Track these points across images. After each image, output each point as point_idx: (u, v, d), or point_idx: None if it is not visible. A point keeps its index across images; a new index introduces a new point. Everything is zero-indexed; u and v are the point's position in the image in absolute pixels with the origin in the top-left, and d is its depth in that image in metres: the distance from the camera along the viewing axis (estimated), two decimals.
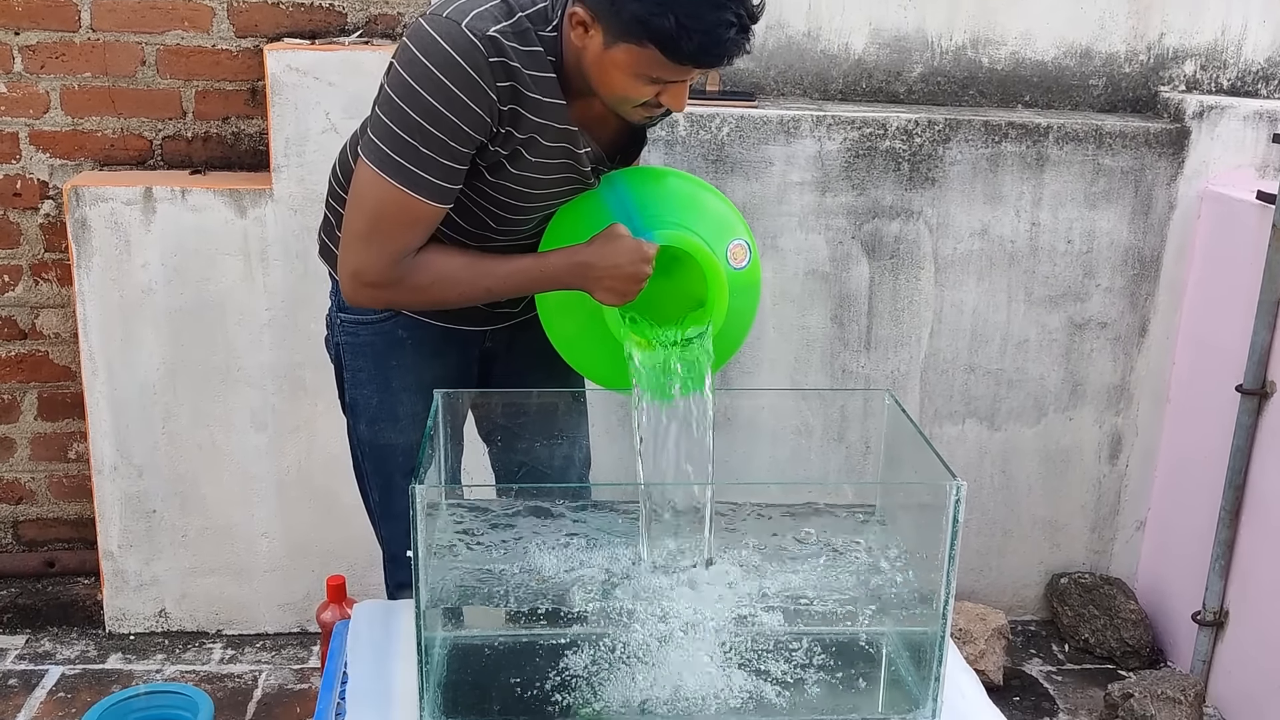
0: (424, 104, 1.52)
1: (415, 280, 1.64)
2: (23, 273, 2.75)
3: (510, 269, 1.67)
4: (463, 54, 1.51)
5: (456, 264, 1.67)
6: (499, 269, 1.67)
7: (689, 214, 1.74)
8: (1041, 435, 2.90)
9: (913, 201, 2.71)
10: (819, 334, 2.78)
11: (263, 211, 2.57)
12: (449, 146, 1.55)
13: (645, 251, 1.61)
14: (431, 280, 1.65)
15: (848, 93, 2.85)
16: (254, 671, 2.70)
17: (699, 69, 1.54)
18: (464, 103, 1.52)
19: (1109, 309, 2.83)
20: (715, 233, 1.74)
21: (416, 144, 1.54)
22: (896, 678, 1.65)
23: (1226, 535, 2.62)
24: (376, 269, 1.62)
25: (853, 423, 2.69)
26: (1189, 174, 2.75)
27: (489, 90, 1.53)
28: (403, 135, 1.54)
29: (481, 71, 1.52)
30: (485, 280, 1.67)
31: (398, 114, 1.54)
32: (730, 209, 1.83)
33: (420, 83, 1.52)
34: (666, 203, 1.74)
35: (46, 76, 2.65)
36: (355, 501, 2.71)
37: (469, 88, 1.52)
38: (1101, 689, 2.61)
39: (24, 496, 2.91)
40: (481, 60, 1.51)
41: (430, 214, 1.60)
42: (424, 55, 1.52)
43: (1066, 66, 2.88)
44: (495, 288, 1.68)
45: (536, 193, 1.68)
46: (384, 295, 1.67)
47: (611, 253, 1.61)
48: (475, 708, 1.55)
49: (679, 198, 1.77)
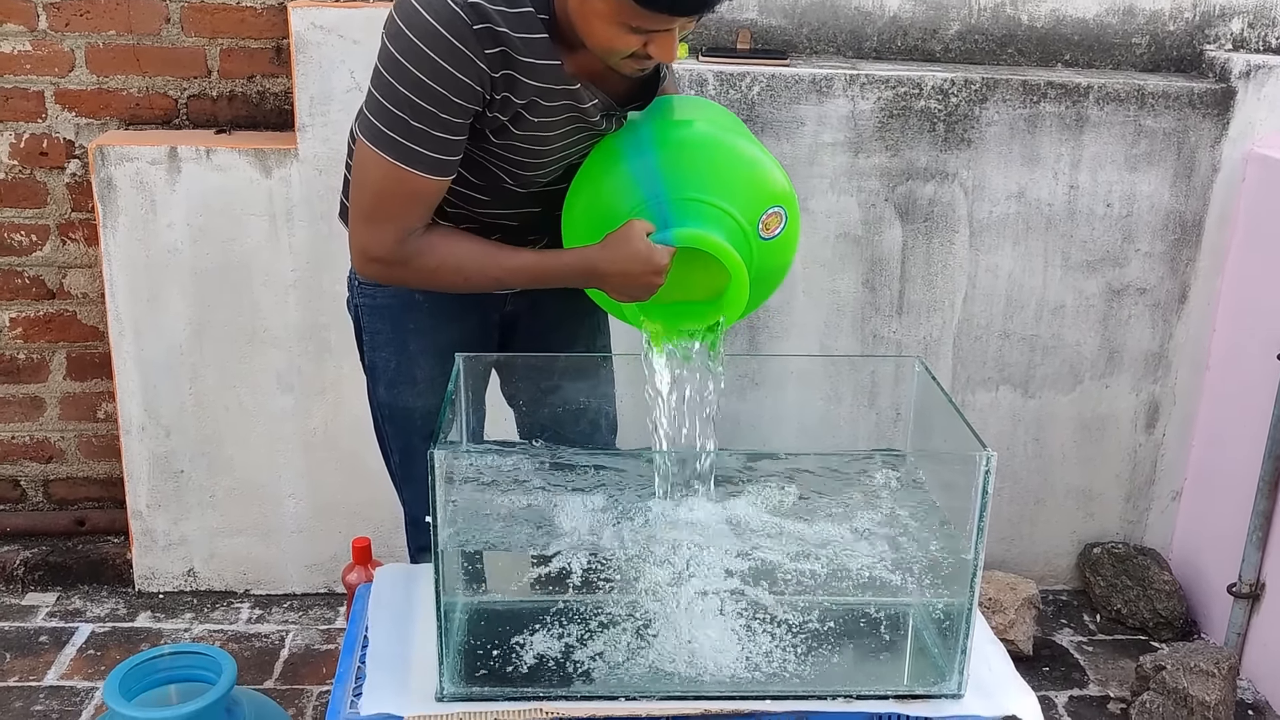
0: (411, 78, 1.49)
1: (422, 262, 1.63)
2: (50, 232, 2.75)
3: (518, 264, 1.66)
4: (445, 24, 1.47)
5: (464, 251, 1.65)
6: (507, 262, 1.66)
7: (720, 181, 1.64)
8: (1076, 403, 2.85)
9: (948, 163, 2.65)
10: (850, 298, 2.73)
11: (288, 171, 2.55)
12: (441, 119, 1.52)
13: (657, 262, 1.57)
14: (437, 264, 1.64)
15: (882, 51, 2.78)
16: (281, 631, 2.71)
17: (677, 18, 1.49)
18: (451, 74, 1.49)
19: (1148, 274, 2.76)
20: (747, 202, 1.65)
21: (408, 118, 1.51)
22: (922, 648, 1.63)
23: (1265, 506, 2.57)
24: (383, 246, 1.62)
25: (883, 389, 2.65)
26: (1234, 136, 2.67)
27: (476, 59, 1.49)
28: (394, 110, 1.52)
29: (466, 40, 1.48)
30: (493, 271, 1.66)
31: (387, 89, 1.51)
32: (764, 163, 1.70)
33: (406, 56, 1.49)
34: (695, 169, 1.65)
35: (71, 35, 2.63)
36: (381, 464, 2.71)
37: (455, 58, 1.48)
38: (1133, 660, 2.58)
39: (54, 456, 2.92)
40: (465, 29, 1.47)
41: (429, 187, 1.58)
42: (408, 28, 1.48)
43: (1108, 24, 2.80)
44: (504, 279, 1.68)
45: (546, 149, 1.65)
46: (392, 273, 1.67)
47: (624, 259, 1.58)
48: (495, 673, 1.54)
49: (710, 160, 1.66)
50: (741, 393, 2.55)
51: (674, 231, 1.60)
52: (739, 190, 1.65)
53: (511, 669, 1.55)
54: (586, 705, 1.49)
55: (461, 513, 1.59)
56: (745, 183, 1.66)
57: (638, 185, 1.64)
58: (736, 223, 1.63)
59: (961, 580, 1.52)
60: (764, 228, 1.66)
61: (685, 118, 1.72)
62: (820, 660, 1.57)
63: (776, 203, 1.67)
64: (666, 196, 1.62)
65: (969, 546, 1.49)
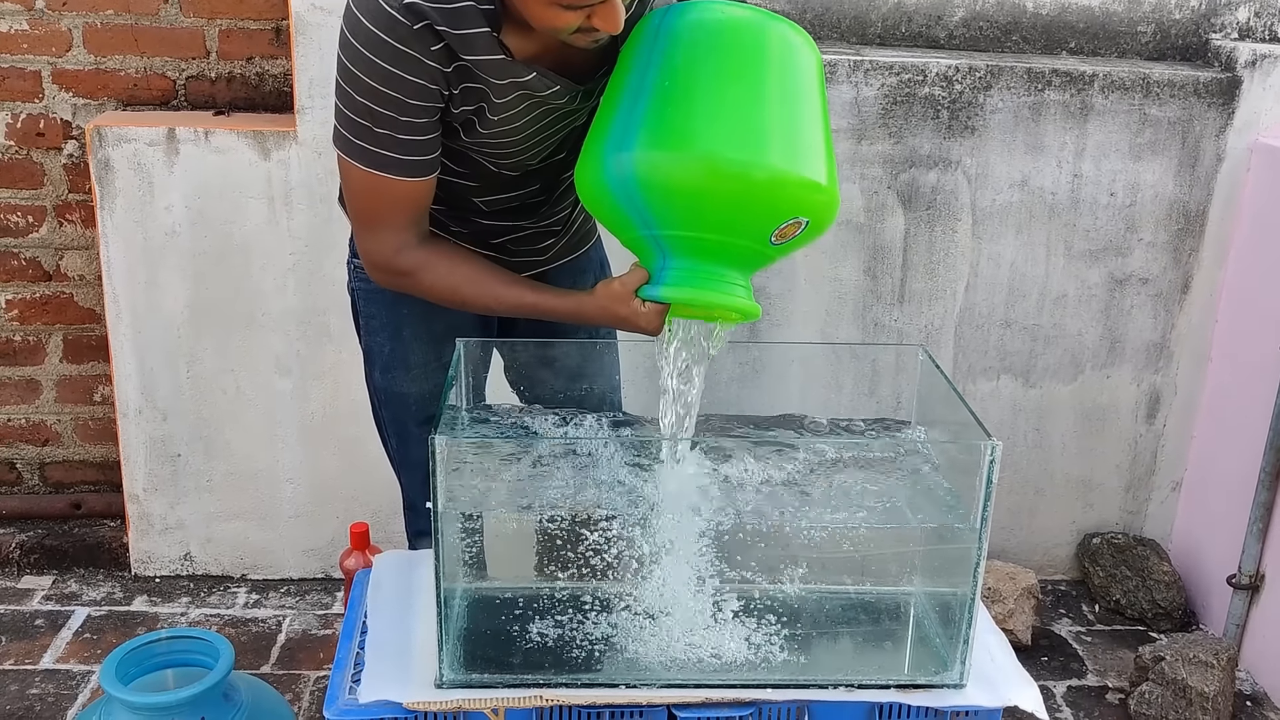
0: (365, 86, 1.48)
1: (422, 279, 1.64)
2: (47, 214, 2.73)
3: (512, 299, 1.66)
4: (386, 30, 1.44)
5: (461, 277, 1.65)
6: (503, 295, 1.66)
7: (719, 214, 1.45)
8: (1078, 393, 2.84)
9: (951, 151, 2.64)
10: (851, 286, 2.72)
11: (286, 154, 2.53)
12: (403, 122, 1.50)
13: (645, 326, 1.57)
14: (434, 282, 1.65)
15: (886, 37, 2.77)
16: (278, 616, 2.70)
17: None
18: (402, 77, 1.47)
19: (1151, 264, 2.75)
20: (756, 225, 1.46)
21: (371, 126, 1.50)
22: (924, 638, 1.62)
23: (1265, 498, 2.56)
24: (382, 255, 1.63)
25: (885, 378, 2.64)
26: (1239, 126, 2.66)
27: (424, 58, 1.46)
28: (356, 119, 1.51)
29: (409, 42, 1.45)
30: (487, 301, 1.67)
31: (347, 99, 1.50)
32: (778, 176, 1.45)
33: (356, 65, 1.47)
34: (689, 204, 1.45)
35: (69, 14, 2.61)
36: (379, 449, 2.70)
37: (402, 62, 1.46)
38: (1132, 651, 2.57)
39: (50, 439, 2.91)
40: (405, 31, 1.44)
41: (410, 189, 1.57)
42: (353, 37, 1.47)
43: (1114, 12, 2.78)
44: (498, 309, 1.70)
45: (518, 139, 1.62)
46: (400, 283, 1.67)
47: (613, 318, 1.59)
48: (495, 660, 1.54)
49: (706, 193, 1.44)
50: (742, 380, 2.54)
51: (662, 290, 1.52)
52: (741, 219, 1.47)
53: (512, 656, 1.54)
54: (587, 693, 1.48)
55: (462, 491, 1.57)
56: (747, 209, 1.46)
57: (629, 218, 1.52)
58: (742, 247, 1.49)
59: (964, 569, 1.51)
60: (779, 236, 1.49)
61: (676, 129, 1.46)
62: (821, 649, 1.56)
63: (790, 216, 1.47)
64: (658, 234, 1.51)
65: (973, 535, 1.48)
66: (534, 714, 1.47)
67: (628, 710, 1.48)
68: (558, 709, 1.47)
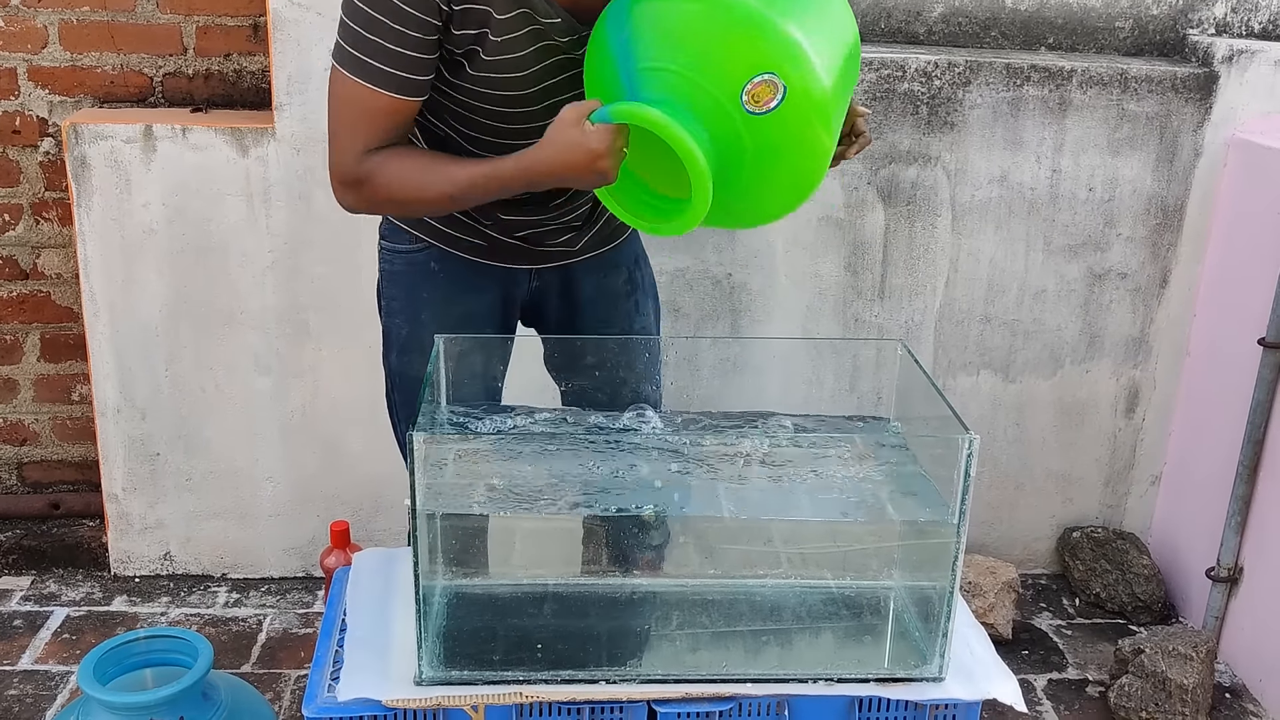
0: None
1: (378, 180, 1.59)
2: (23, 211, 2.71)
3: (464, 177, 1.60)
4: None
5: (412, 166, 1.61)
6: (456, 175, 1.60)
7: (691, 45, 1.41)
8: (1057, 387, 2.85)
9: (930, 146, 2.64)
10: (832, 282, 2.72)
11: (265, 151, 2.52)
12: (400, 33, 1.51)
13: (594, 147, 1.45)
14: (389, 180, 1.59)
15: (865, 33, 2.77)
16: (258, 615, 2.69)
17: None
18: None
19: (1129, 259, 2.77)
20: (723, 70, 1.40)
21: (369, 35, 1.52)
22: (903, 632, 1.62)
23: (1244, 491, 2.58)
24: (344, 165, 1.60)
25: (865, 373, 2.64)
26: (1216, 121, 2.67)
27: None
28: (356, 29, 1.52)
29: None
30: (442, 185, 1.60)
31: (352, 10, 1.53)
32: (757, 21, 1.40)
33: None
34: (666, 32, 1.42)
35: (45, 10, 2.59)
36: (360, 447, 2.69)
37: None
38: (1112, 644, 2.59)
39: (28, 438, 2.89)
40: None
41: (388, 105, 1.56)
42: None
43: (1092, 8, 2.79)
44: (456, 195, 1.61)
45: (521, 75, 1.59)
46: (358, 195, 1.62)
47: (561, 150, 1.50)
48: (474, 657, 1.53)
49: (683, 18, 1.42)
50: (723, 376, 2.54)
51: (611, 108, 1.42)
52: (713, 56, 1.40)
53: (491, 653, 1.54)
54: (567, 689, 1.48)
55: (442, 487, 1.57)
56: (722, 45, 1.39)
57: (612, 59, 1.48)
58: (708, 94, 1.41)
59: (943, 563, 1.52)
60: (751, 99, 1.40)
61: None
62: (801, 644, 1.56)
63: (764, 69, 1.39)
64: (633, 67, 1.44)
65: (951, 529, 1.49)
66: (514, 711, 1.47)
67: (608, 706, 1.48)
68: (538, 705, 1.47)
